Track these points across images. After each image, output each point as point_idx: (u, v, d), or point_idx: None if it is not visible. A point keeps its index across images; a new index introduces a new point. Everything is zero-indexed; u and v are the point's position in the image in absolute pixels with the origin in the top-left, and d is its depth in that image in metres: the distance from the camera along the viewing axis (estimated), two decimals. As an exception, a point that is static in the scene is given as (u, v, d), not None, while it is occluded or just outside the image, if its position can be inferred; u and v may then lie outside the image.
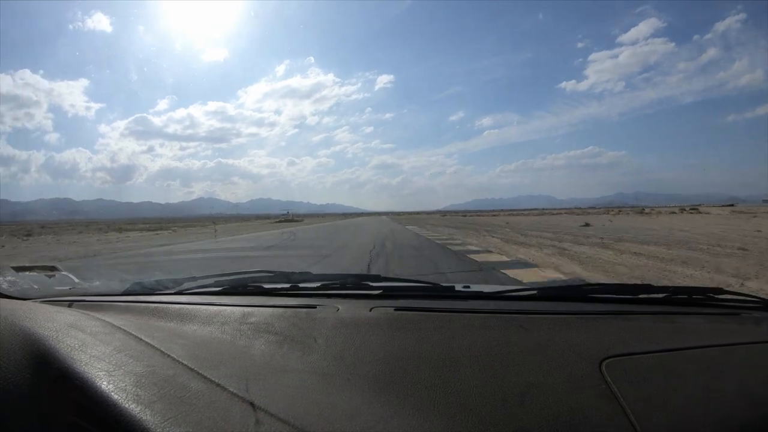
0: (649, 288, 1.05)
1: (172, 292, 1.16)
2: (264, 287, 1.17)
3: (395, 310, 0.93)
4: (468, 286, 1.14)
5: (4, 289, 1.08)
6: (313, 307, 0.96)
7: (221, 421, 0.50)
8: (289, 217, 64.66)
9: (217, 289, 1.17)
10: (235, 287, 1.18)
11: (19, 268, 1.43)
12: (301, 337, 0.78)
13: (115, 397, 0.52)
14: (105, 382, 0.54)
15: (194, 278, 1.24)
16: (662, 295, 1.01)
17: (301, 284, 1.18)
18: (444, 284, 1.14)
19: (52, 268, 1.52)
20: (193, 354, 0.68)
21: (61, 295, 1.13)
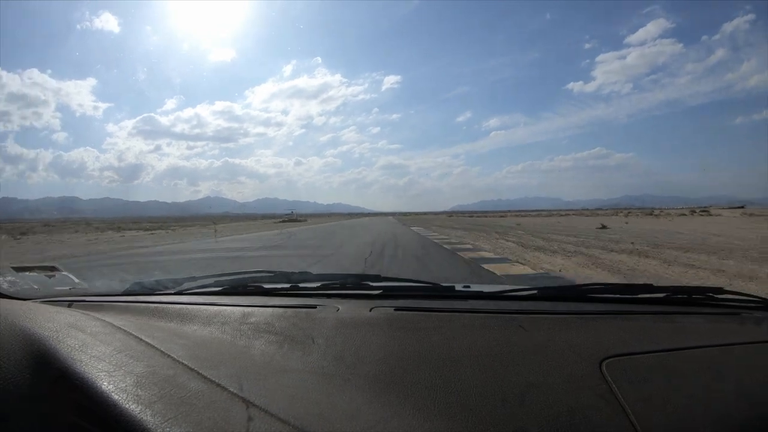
0: (649, 288, 1.05)
1: (172, 292, 1.16)
2: (264, 287, 1.17)
3: (395, 310, 0.93)
4: (468, 286, 1.14)
5: (4, 290, 1.08)
6: (313, 307, 0.96)
7: (221, 421, 0.50)
8: (293, 217, 64.14)
9: (217, 289, 1.17)
10: (235, 287, 1.18)
11: (20, 269, 1.43)
12: (301, 337, 0.78)
13: (116, 397, 0.52)
14: (105, 383, 0.54)
15: (194, 278, 1.24)
16: (662, 295, 1.01)
17: (301, 284, 1.18)
18: (444, 284, 1.14)
19: (53, 269, 1.52)
20: (194, 354, 0.68)
21: (61, 296, 1.13)
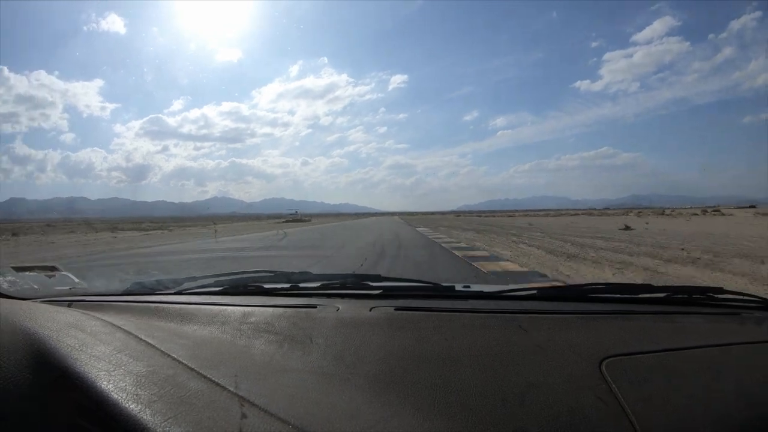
0: (649, 288, 1.05)
1: (172, 291, 1.16)
2: (264, 287, 1.17)
3: (395, 310, 0.93)
4: (468, 286, 1.14)
5: (5, 289, 1.08)
6: (314, 307, 0.96)
7: (221, 421, 0.50)
8: (297, 217, 63.56)
9: (217, 289, 1.17)
10: (235, 287, 1.18)
11: (20, 268, 1.43)
12: (301, 337, 0.78)
13: (115, 396, 0.52)
14: (105, 382, 0.54)
15: (194, 278, 1.24)
16: (662, 295, 1.01)
17: (301, 284, 1.18)
18: (444, 284, 1.14)
19: (52, 268, 1.52)
20: (193, 354, 0.68)
21: (61, 295, 1.13)
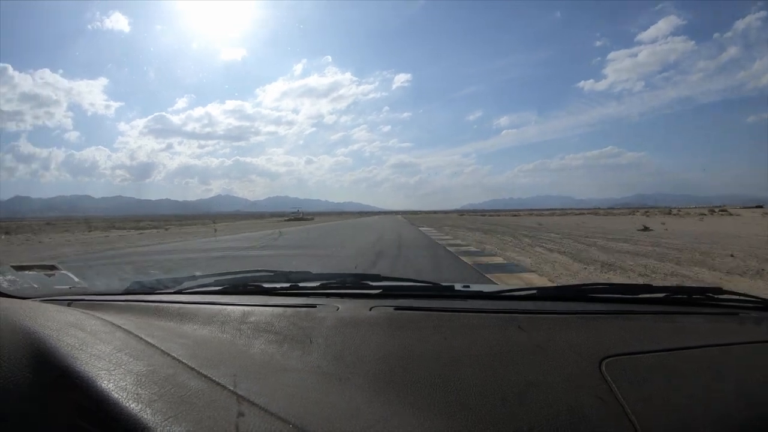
0: (649, 288, 1.05)
1: (172, 291, 1.16)
2: (264, 287, 1.17)
3: (395, 310, 0.93)
4: (468, 286, 1.14)
5: (4, 288, 1.08)
6: (313, 307, 0.96)
7: (221, 420, 0.50)
8: (299, 216, 62.75)
9: (217, 289, 1.17)
10: (235, 286, 1.18)
11: (19, 267, 1.43)
12: (301, 337, 0.78)
13: (115, 395, 0.52)
14: (105, 381, 0.54)
15: (194, 277, 1.24)
16: (662, 295, 1.01)
17: (301, 283, 1.18)
18: (444, 284, 1.14)
19: (52, 267, 1.52)
20: (193, 353, 0.68)
21: (61, 294, 1.13)
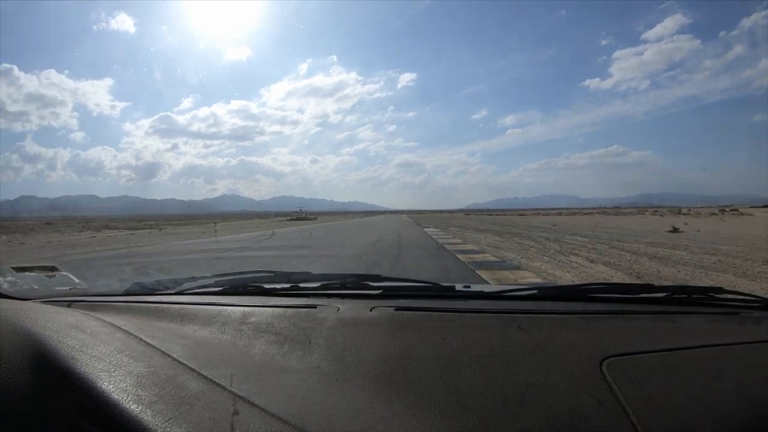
0: (649, 287, 1.05)
1: (173, 292, 1.16)
2: (264, 287, 1.17)
3: (395, 310, 0.93)
4: (468, 286, 1.14)
5: (5, 290, 1.08)
6: (314, 307, 0.96)
7: (222, 421, 0.50)
8: (301, 216, 62.05)
9: (217, 289, 1.17)
10: (235, 287, 1.18)
11: (20, 269, 1.43)
12: (302, 337, 0.78)
13: (116, 397, 0.52)
14: (105, 383, 0.54)
15: (194, 278, 1.24)
16: (663, 295, 1.01)
17: (302, 284, 1.18)
18: (444, 284, 1.14)
19: (52, 269, 1.52)
20: (194, 354, 0.68)
21: (61, 296, 1.13)
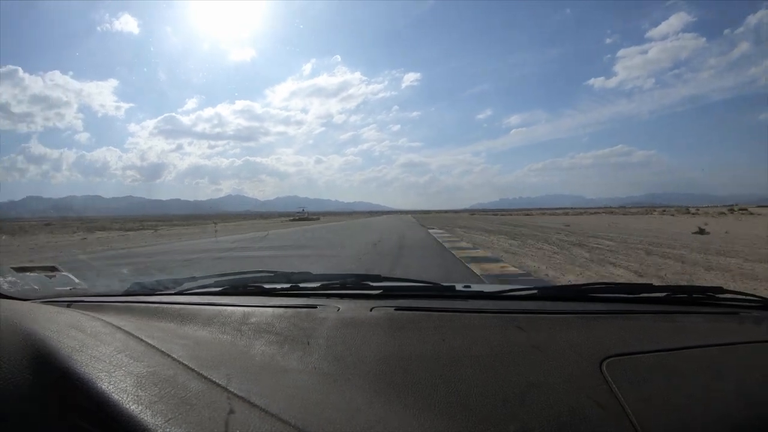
0: (649, 287, 1.05)
1: (173, 292, 1.16)
2: (264, 287, 1.17)
3: (396, 310, 0.93)
4: (468, 286, 1.14)
5: (5, 290, 1.08)
6: (314, 307, 0.96)
7: (221, 422, 0.50)
8: (303, 216, 61.26)
9: (217, 290, 1.17)
10: (235, 287, 1.18)
11: (20, 269, 1.43)
12: (302, 337, 0.78)
13: (116, 397, 0.52)
14: (105, 383, 0.54)
15: (194, 278, 1.24)
16: (663, 295, 1.01)
17: (302, 284, 1.18)
18: (444, 284, 1.14)
19: (53, 269, 1.52)
20: (194, 354, 0.68)
21: (61, 296, 1.13)
